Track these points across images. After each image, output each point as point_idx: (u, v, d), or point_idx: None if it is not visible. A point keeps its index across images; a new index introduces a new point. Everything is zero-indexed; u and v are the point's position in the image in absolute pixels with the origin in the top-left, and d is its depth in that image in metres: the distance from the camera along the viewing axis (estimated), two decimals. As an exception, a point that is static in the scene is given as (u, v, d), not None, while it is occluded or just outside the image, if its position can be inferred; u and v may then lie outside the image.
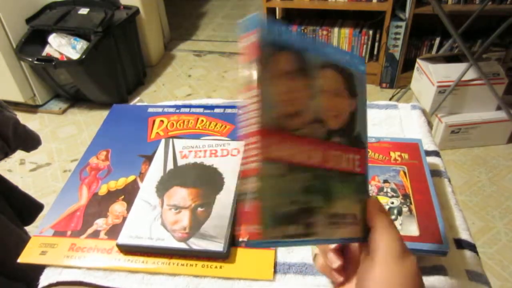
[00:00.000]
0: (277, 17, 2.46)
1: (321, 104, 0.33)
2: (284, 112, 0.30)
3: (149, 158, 0.64)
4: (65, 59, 2.02)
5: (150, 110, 0.75)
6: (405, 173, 0.55)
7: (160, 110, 0.75)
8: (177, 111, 0.74)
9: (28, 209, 1.03)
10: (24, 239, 0.88)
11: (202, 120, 0.71)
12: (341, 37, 2.27)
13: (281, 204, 0.29)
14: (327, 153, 0.33)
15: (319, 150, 0.32)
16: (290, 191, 0.30)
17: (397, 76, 2.25)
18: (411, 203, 0.51)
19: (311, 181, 0.31)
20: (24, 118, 2.20)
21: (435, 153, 0.64)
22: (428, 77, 1.74)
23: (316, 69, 0.33)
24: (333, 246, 0.38)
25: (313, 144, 0.32)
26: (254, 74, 0.29)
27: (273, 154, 0.29)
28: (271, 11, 2.32)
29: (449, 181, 0.60)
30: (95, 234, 0.55)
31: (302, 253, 0.51)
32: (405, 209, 0.51)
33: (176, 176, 0.59)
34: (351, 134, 0.36)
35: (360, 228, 0.35)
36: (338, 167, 0.34)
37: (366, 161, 0.37)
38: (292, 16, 2.45)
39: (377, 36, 2.23)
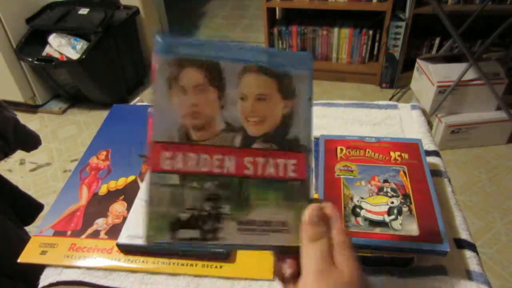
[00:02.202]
0: (277, 17, 2.46)
1: (237, 112, 0.34)
2: (189, 125, 0.33)
3: (149, 158, 0.64)
4: (65, 59, 2.02)
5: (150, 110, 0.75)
6: (405, 173, 0.55)
7: (160, 110, 0.75)
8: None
9: (28, 209, 1.03)
10: (24, 239, 0.88)
11: (202, 120, 0.71)
12: (341, 37, 2.27)
13: (171, 211, 0.32)
14: (241, 161, 0.33)
15: (230, 159, 0.33)
16: (185, 199, 0.32)
17: (397, 76, 2.25)
18: (411, 203, 0.51)
19: (214, 189, 0.33)
20: (24, 118, 2.20)
21: (435, 153, 0.64)
22: (428, 77, 1.74)
23: (233, 76, 0.33)
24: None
25: (221, 153, 0.33)
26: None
27: (163, 166, 0.32)
28: (271, 11, 2.32)
29: (449, 181, 0.60)
30: (95, 234, 0.55)
31: (302, 253, 0.51)
32: (405, 209, 0.51)
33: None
34: (284, 138, 0.35)
35: (292, 236, 0.34)
36: (260, 174, 0.34)
37: (306, 165, 0.35)
38: (292, 16, 2.45)
39: (377, 36, 2.23)
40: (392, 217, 0.50)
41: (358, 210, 0.51)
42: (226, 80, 0.33)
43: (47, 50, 2.08)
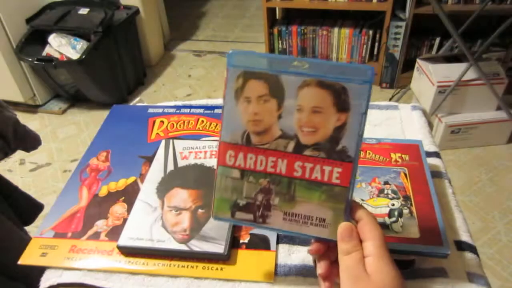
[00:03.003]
0: (277, 17, 2.46)
1: (292, 122, 0.38)
2: (251, 130, 0.39)
3: (149, 159, 0.64)
4: (65, 59, 2.02)
5: (150, 110, 0.75)
6: (405, 174, 0.55)
7: (160, 110, 0.75)
8: (177, 111, 0.74)
9: (28, 209, 1.03)
10: (24, 240, 0.88)
11: (203, 121, 0.71)
12: (341, 37, 2.27)
13: (233, 197, 0.40)
14: (292, 164, 0.39)
15: (282, 162, 0.39)
16: (243, 189, 0.40)
17: (397, 76, 2.25)
18: (411, 204, 0.51)
19: (267, 185, 0.39)
20: (24, 118, 2.20)
21: (436, 154, 0.64)
22: (428, 77, 1.74)
23: (293, 89, 0.37)
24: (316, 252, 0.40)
25: (275, 156, 0.39)
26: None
27: (228, 161, 0.40)
28: (271, 11, 2.31)
29: (450, 182, 0.60)
30: (96, 236, 0.55)
31: (302, 255, 0.51)
32: (405, 211, 0.51)
33: (176, 177, 0.59)
34: (334, 148, 0.38)
35: (329, 230, 0.39)
36: (307, 177, 0.39)
37: (351, 174, 0.38)
38: (292, 16, 2.45)
39: (377, 36, 2.23)
40: (393, 219, 0.50)
41: (358, 212, 0.51)
42: (285, 92, 0.37)
43: (47, 50, 2.08)
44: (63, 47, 2.04)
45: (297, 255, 0.51)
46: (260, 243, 0.52)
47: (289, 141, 0.38)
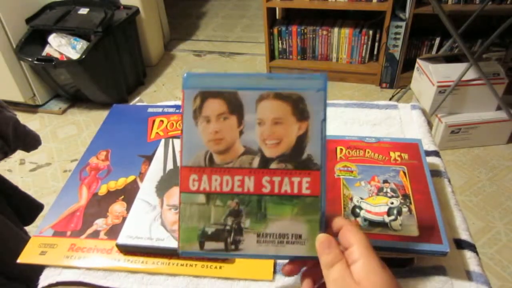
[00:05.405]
0: (277, 17, 2.46)
1: (255, 137, 0.37)
2: (213, 150, 0.37)
3: (149, 158, 0.64)
4: (65, 59, 2.02)
5: (150, 110, 0.75)
6: (405, 173, 0.55)
7: (160, 110, 0.75)
8: (177, 111, 0.74)
9: (28, 209, 1.03)
10: (24, 239, 0.88)
11: (202, 120, 0.71)
12: (341, 37, 2.27)
13: (200, 225, 0.38)
14: (260, 180, 0.37)
15: (249, 179, 0.37)
16: (210, 215, 0.38)
17: (397, 76, 2.25)
18: (411, 203, 0.51)
19: (236, 206, 0.38)
20: (24, 118, 2.20)
21: (435, 153, 0.64)
22: (428, 77, 1.74)
23: (251, 103, 0.37)
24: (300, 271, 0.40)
25: (242, 174, 0.37)
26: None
27: (191, 187, 0.38)
28: (271, 11, 2.32)
29: (449, 181, 0.60)
30: (95, 234, 0.55)
31: (302, 253, 0.51)
32: (405, 209, 0.51)
33: (176, 176, 0.59)
34: (299, 157, 0.37)
35: (306, 247, 0.37)
36: (277, 191, 0.37)
37: (320, 182, 0.37)
38: (292, 16, 2.45)
39: (377, 36, 2.23)
40: (392, 217, 0.50)
41: (357, 210, 0.51)
42: (244, 108, 0.37)
43: (47, 50, 2.08)
44: (63, 47, 2.04)
45: (297, 254, 0.51)
46: (259, 241, 0.52)
47: (254, 156, 0.38)
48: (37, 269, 0.52)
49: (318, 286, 0.38)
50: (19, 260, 0.53)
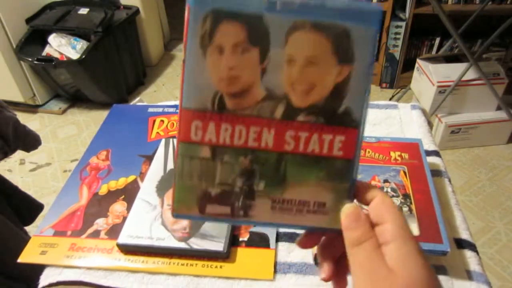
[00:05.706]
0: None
1: (281, 79, 0.29)
2: (224, 92, 0.29)
3: (149, 158, 0.64)
4: (65, 59, 2.02)
5: (150, 110, 0.75)
6: (405, 173, 0.55)
7: (160, 110, 0.75)
8: (177, 111, 0.74)
9: (28, 209, 1.03)
10: (24, 239, 0.88)
11: (202, 120, 0.71)
12: (341, 37, 2.27)
13: (201, 185, 0.30)
14: (282, 135, 0.29)
15: (269, 132, 0.29)
16: (216, 173, 0.30)
17: (397, 76, 2.25)
18: (411, 202, 0.51)
19: (249, 165, 0.30)
20: (24, 118, 2.20)
21: (435, 153, 0.64)
22: (428, 77, 1.74)
23: (280, 33, 0.28)
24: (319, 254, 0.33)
25: (260, 125, 0.29)
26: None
27: (193, 136, 0.29)
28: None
29: (449, 181, 0.60)
30: (95, 234, 0.55)
31: (302, 253, 0.51)
32: (405, 209, 0.51)
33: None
34: (335, 110, 0.29)
35: (329, 218, 0.31)
36: (302, 150, 0.30)
37: (356, 143, 0.30)
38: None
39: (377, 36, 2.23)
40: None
41: (358, 210, 0.51)
42: (271, 39, 0.28)
43: (47, 50, 2.08)
44: (63, 47, 2.04)
45: (297, 253, 0.51)
46: (259, 241, 0.52)
47: (277, 103, 0.29)
48: (38, 269, 0.52)
49: (339, 271, 0.32)
50: (19, 260, 0.53)
